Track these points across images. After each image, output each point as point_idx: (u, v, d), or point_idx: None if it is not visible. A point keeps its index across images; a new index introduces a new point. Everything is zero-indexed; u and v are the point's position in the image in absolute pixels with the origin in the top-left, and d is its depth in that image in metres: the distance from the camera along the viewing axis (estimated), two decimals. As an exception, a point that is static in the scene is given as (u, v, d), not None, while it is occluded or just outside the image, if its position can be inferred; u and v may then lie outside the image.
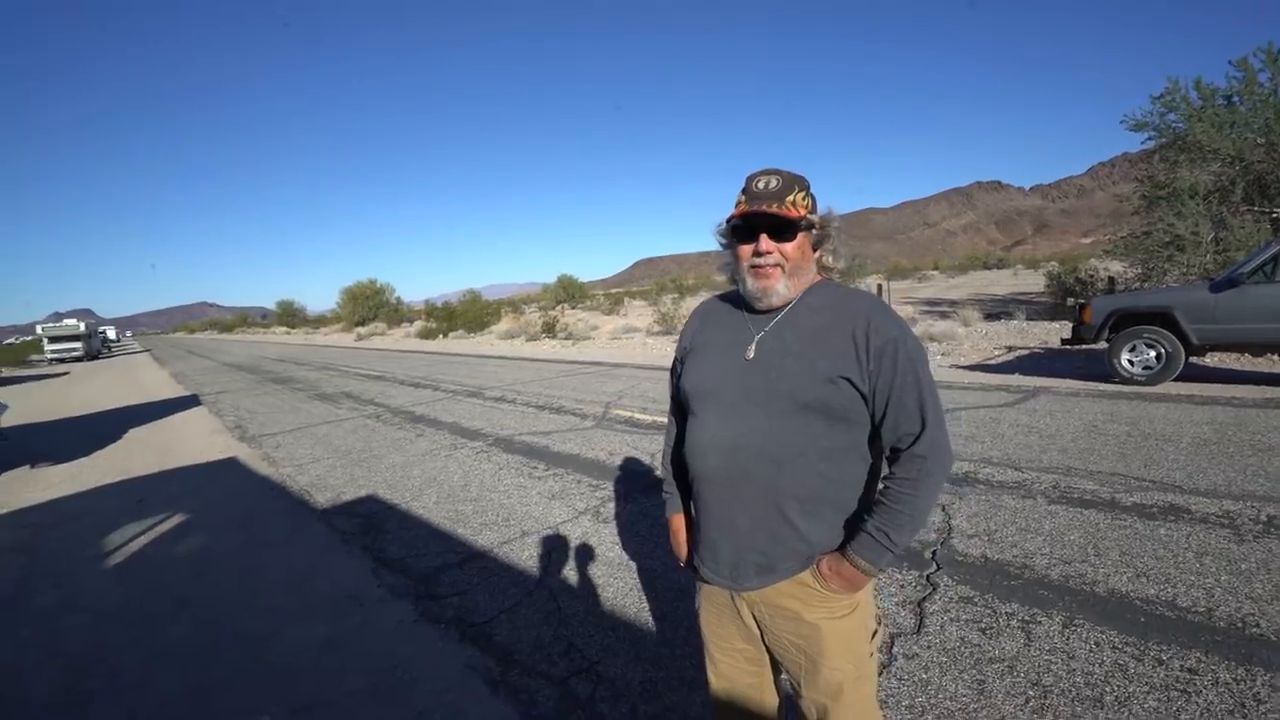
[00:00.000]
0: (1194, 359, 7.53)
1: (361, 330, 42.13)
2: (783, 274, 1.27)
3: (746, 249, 1.28)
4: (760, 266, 1.27)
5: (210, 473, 6.19)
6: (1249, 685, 2.03)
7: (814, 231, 1.30)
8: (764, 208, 1.23)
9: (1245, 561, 2.84)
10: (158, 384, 17.01)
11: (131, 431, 9.00)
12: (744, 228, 1.28)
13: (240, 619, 3.09)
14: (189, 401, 12.14)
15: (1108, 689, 2.07)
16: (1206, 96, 12.82)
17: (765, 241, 1.25)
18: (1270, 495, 3.60)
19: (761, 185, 1.26)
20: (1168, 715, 1.92)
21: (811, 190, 1.31)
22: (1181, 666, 2.15)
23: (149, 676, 2.65)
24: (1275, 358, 8.16)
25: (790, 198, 1.24)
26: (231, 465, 6.42)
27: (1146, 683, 2.08)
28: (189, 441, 7.91)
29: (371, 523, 4.29)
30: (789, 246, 1.26)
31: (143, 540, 4.30)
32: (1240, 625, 2.37)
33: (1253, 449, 4.47)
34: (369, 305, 50.27)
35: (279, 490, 5.34)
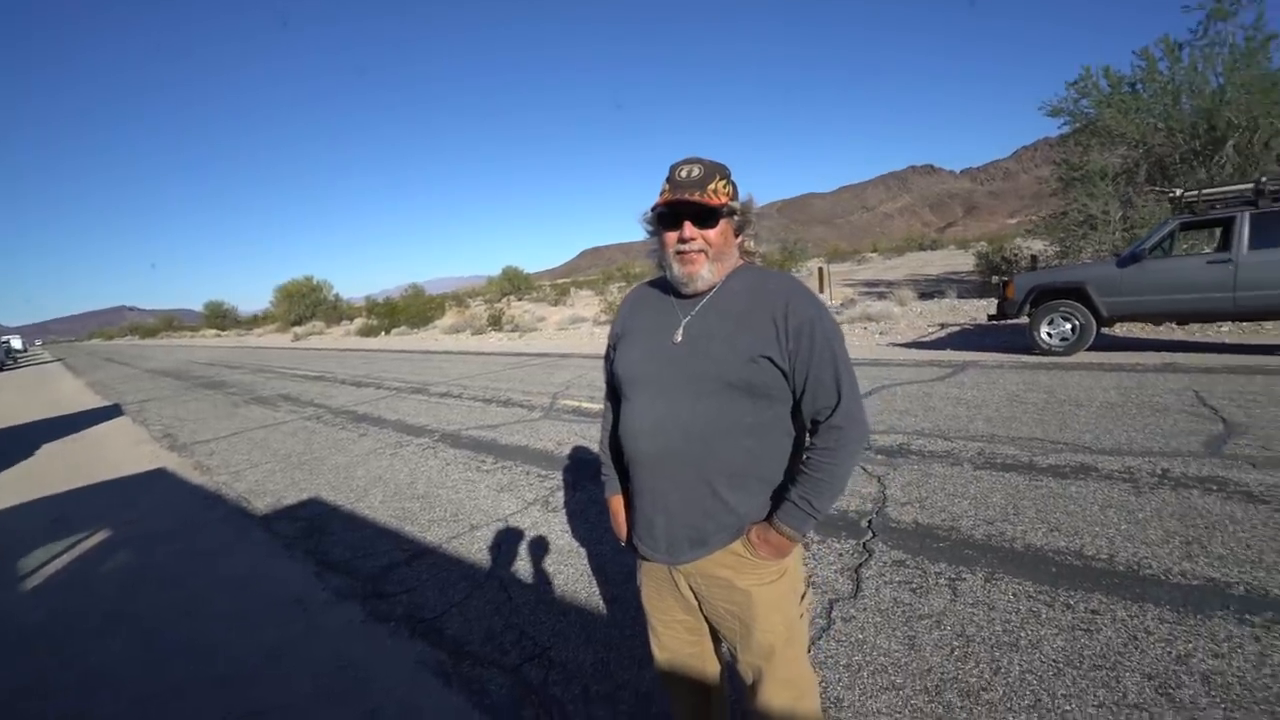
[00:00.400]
0: (1105, 330, 8.09)
1: (298, 330, 40.47)
2: (707, 259, 1.32)
3: (672, 236, 1.33)
4: (685, 252, 1.32)
5: (137, 485, 5.89)
6: (1141, 620, 2.25)
7: (735, 218, 1.36)
8: (687, 196, 1.28)
9: (1142, 511, 3.12)
10: (73, 394, 15.92)
11: (46, 446, 8.44)
12: (669, 215, 1.32)
13: (179, 631, 2.99)
14: (110, 412, 11.44)
15: (1023, 634, 2.25)
16: (1114, 84, 13.63)
17: (689, 228, 1.30)
18: (1164, 450, 3.94)
19: (684, 174, 1.31)
20: (1073, 653, 2.11)
21: (732, 178, 1.36)
22: (1086, 608, 2.36)
23: (87, 695, 2.54)
24: (1174, 326, 8.84)
25: (712, 186, 1.29)
26: (161, 476, 6.12)
27: (1056, 625, 2.27)
28: (112, 453, 7.49)
29: (315, 526, 4.20)
30: (712, 233, 1.31)
31: (66, 558, 4.07)
32: (1136, 568, 2.61)
33: (1151, 409, 4.87)
34: (305, 304, 48.25)
35: (214, 498, 5.14)
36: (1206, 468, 3.59)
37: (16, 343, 60.23)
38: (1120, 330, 9.22)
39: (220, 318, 72.53)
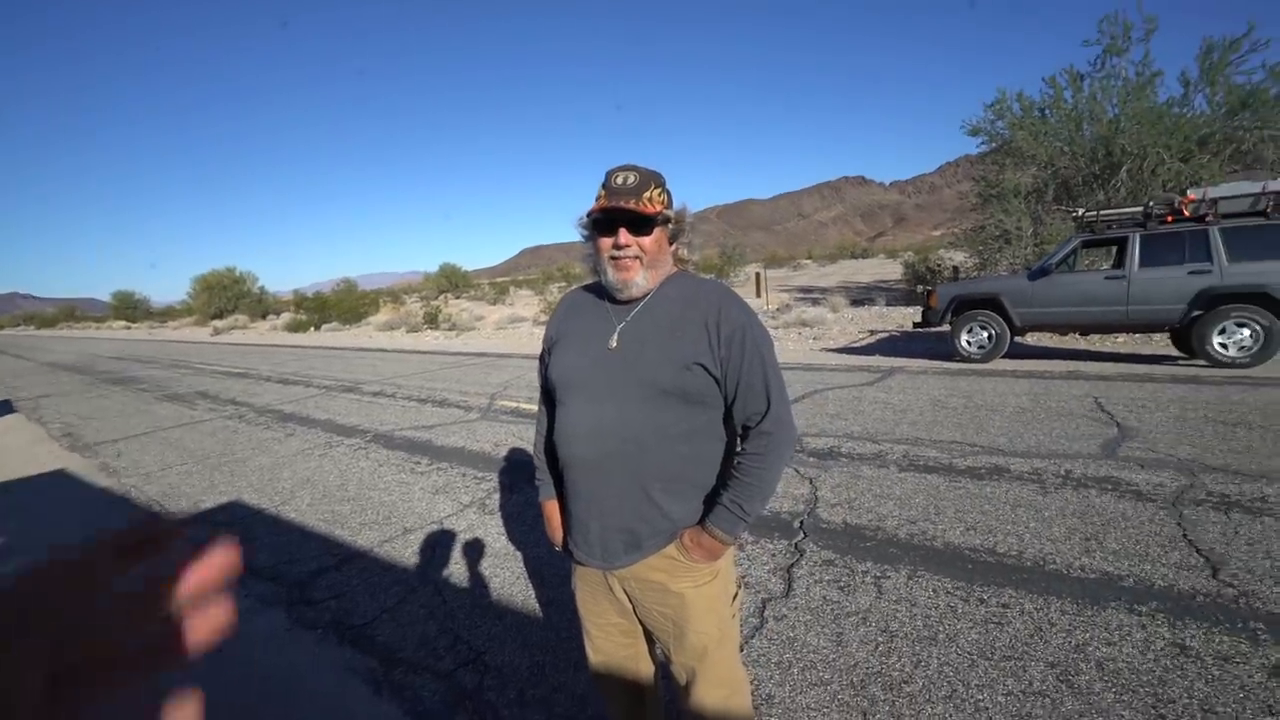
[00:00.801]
0: (1018, 339, 8.65)
1: (219, 324, 38.17)
2: (641, 266, 1.33)
3: (607, 242, 1.33)
4: (620, 259, 1.33)
5: (33, 488, 5.41)
6: (1045, 612, 2.43)
7: (670, 225, 1.38)
8: (622, 204, 1.28)
9: (1048, 510, 3.36)
10: (-44, 389, 14.47)
11: (-78, 446, 7.64)
12: (604, 221, 1.33)
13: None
14: (0, 409, 10.47)
15: (941, 628, 2.38)
16: (1026, 108, 14.63)
17: (624, 235, 1.31)
18: (1068, 453, 4.25)
19: (620, 181, 1.31)
20: (985, 644, 2.26)
21: (667, 186, 1.38)
22: (997, 603, 2.52)
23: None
24: (1078, 336, 9.56)
25: (647, 194, 1.30)
26: (60, 478, 5.65)
27: (970, 619, 2.42)
28: (4, 454, 6.85)
29: (236, 530, 3.98)
30: (647, 240, 1.32)
31: (-55, 571, 3.71)
32: (1042, 563, 2.81)
33: (1058, 414, 5.25)
34: (227, 296, 45.58)
35: (121, 502, 4.79)
36: (1103, 468, 3.90)
37: (-115, 331, 54.76)
38: (1032, 339, 9.88)
39: (131, 309, 67.55)
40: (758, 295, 17.49)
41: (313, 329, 28.20)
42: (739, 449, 1.39)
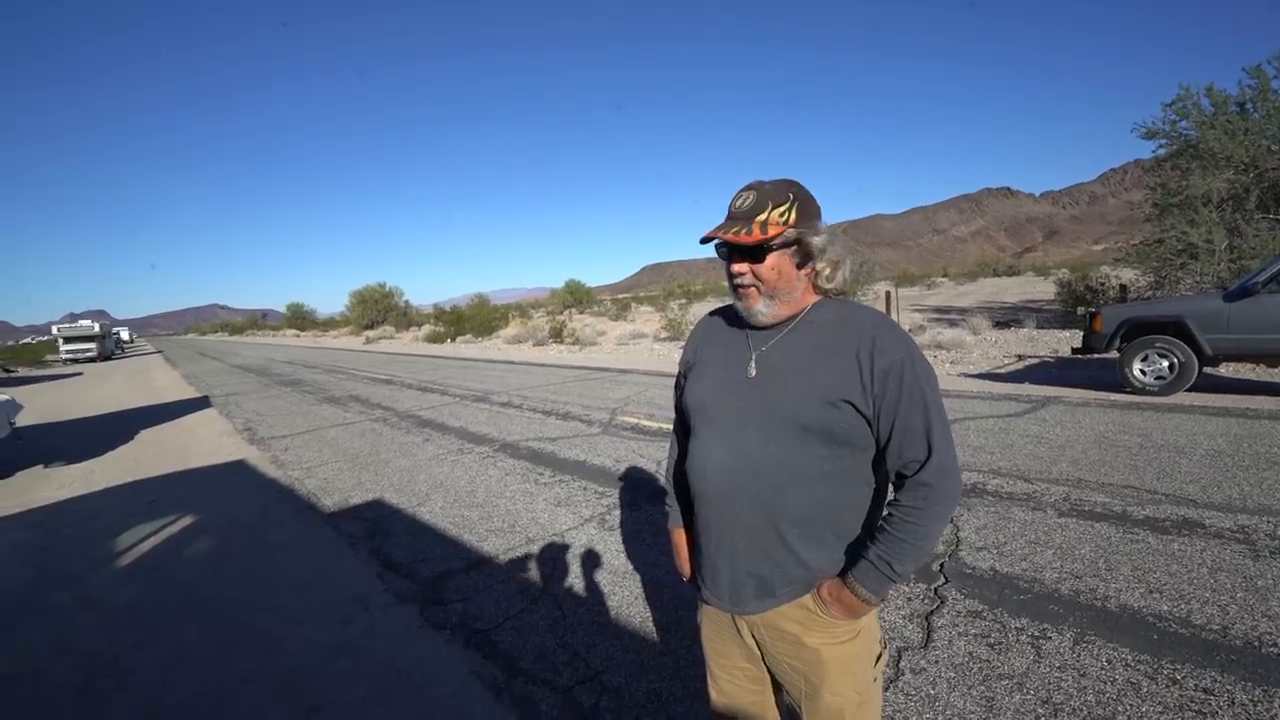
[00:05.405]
0: (1208, 369, 7.43)
1: (370, 333, 42.39)
2: (760, 294, 1.23)
3: (729, 267, 1.26)
4: (739, 287, 1.24)
5: (220, 474, 6.23)
6: (1266, 706, 1.99)
7: (793, 248, 1.22)
8: (721, 234, 1.19)
9: (1261, 578, 2.79)
10: (169, 385, 17.18)
11: (143, 432, 9.09)
12: (722, 246, 1.25)
13: (250, 621, 3.11)
14: (200, 403, 12.25)
15: (1120, 708, 2.03)
16: (1219, 104, 12.71)
17: (736, 264, 1.22)
18: (1286, 510, 3.54)
19: (737, 204, 1.22)
20: (1181, 736, 1.89)
21: (796, 203, 1.20)
22: (1196, 686, 2.11)
23: (163, 676, 2.66)
24: (1291, 369, 8.05)
25: (762, 216, 1.18)
26: (241, 467, 6.46)
27: (1160, 702, 2.05)
28: (200, 443, 7.98)
29: (378, 526, 4.31)
30: (761, 268, 1.21)
31: (154, 540, 4.33)
32: (1257, 644, 2.33)
33: (1268, 462, 4.40)
34: (378, 308, 50.62)
35: (287, 493, 5.37)
36: (1337, 533, 3.20)
37: (125, 334, 67.32)
38: (1227, 370, 8.47)
39: (300, 319, 76.97)
40: (887, 315, 16.52)
41: (449, 340, 30.45)
42: (892, 499, 1.24)
